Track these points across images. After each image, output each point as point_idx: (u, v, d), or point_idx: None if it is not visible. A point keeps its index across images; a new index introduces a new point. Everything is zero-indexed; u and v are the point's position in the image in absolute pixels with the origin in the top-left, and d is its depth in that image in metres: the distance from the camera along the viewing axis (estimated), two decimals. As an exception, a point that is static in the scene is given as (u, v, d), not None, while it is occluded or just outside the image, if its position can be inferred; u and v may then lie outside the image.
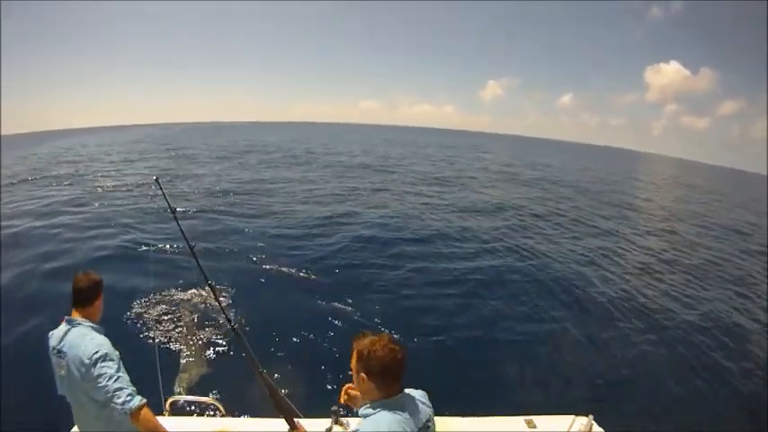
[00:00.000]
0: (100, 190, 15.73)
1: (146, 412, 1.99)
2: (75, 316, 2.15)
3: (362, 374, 1.60)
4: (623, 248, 11.88)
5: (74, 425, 2.27)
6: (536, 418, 3.04)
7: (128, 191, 15.65)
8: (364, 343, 1.61)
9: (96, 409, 2.05)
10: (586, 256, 10.59)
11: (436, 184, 20.77)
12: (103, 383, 1.95)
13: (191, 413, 3.88)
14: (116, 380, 1.97)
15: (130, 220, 11.14)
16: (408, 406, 1.60)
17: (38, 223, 10.79)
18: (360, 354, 1.61)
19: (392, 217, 12.71)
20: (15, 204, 13.12)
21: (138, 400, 1.98)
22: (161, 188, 2.58)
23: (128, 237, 9.78)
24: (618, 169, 48.44)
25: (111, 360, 2.01)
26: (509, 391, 4.90)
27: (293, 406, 2.23)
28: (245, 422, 3.09)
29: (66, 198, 14.09)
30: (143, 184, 16.47)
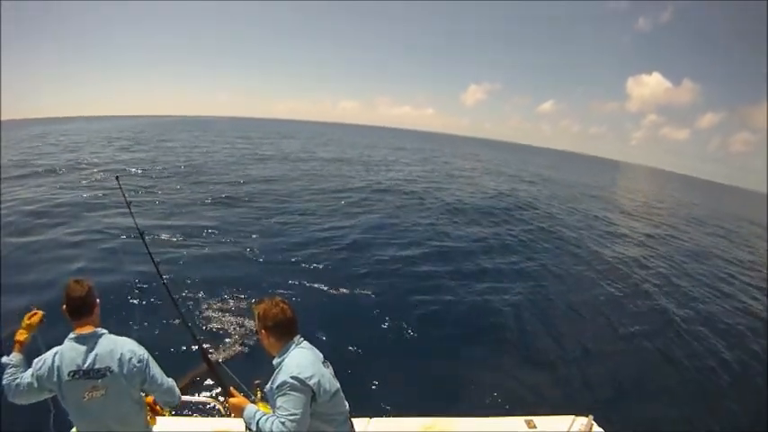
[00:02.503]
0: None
1: None
2: (86, 330, 1.95)
3: (263, 331, 1.93)
4: (623, 251, 11.88)
5: (72, 426, 2.25)
6: (536, 419, 3.04)
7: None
8: (261, 306, 1.96)
9: (134, 410, 2.07)
10: (586, 260, 10.60)
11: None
12: (161, 380, 2.12)
13: (191, 413, 3.88)
14: (164, 375, 2.18)
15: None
16: (306, 343, 1.96)
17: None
18: (258, 315, 1.94)
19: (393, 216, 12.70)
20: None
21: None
22: (120, 186, 2.76)
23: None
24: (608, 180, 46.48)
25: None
26: (509, 391, 4.89)
27: (233, 375, 2.43)
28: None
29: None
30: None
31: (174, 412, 3.00)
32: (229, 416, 3.28)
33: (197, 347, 2.40)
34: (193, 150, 27.11)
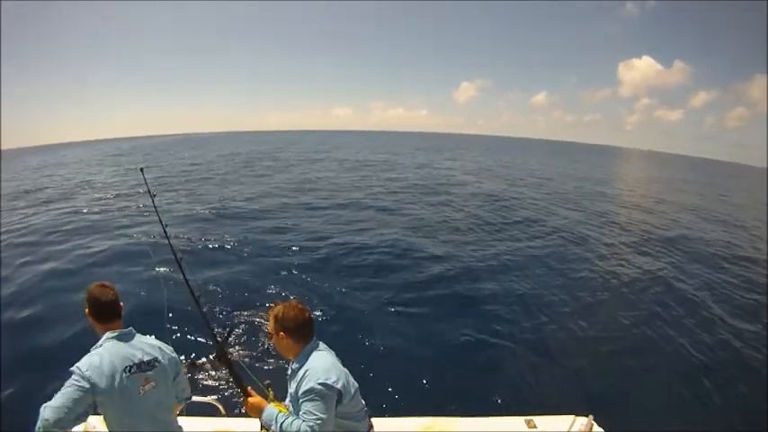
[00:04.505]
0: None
1: None
2: (120, 329, 2.02)
3: (281, 333, 1.93)
4: (623, 252, 11.86)
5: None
6: (536, 419, 3.04)
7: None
8: (278, 308, 1.96)
9: (173, 401, 2.15)
10: (586, 260, 10.58)
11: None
12: (185, 380, 2.24)
13: (190, 413, 3.86)
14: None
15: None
16: (323, 344, 1.99)
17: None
18: (276, 317, 1.94)
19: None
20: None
21: None
22: (144, 178, 2.76)
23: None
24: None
25: None
26: (509, 391, 4.88)
27: (251, 375, 2.36)
28: (244, 422, 3.08)
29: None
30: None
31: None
32: (231, 416, 3.28)
33: (213, 344, 2.37)
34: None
